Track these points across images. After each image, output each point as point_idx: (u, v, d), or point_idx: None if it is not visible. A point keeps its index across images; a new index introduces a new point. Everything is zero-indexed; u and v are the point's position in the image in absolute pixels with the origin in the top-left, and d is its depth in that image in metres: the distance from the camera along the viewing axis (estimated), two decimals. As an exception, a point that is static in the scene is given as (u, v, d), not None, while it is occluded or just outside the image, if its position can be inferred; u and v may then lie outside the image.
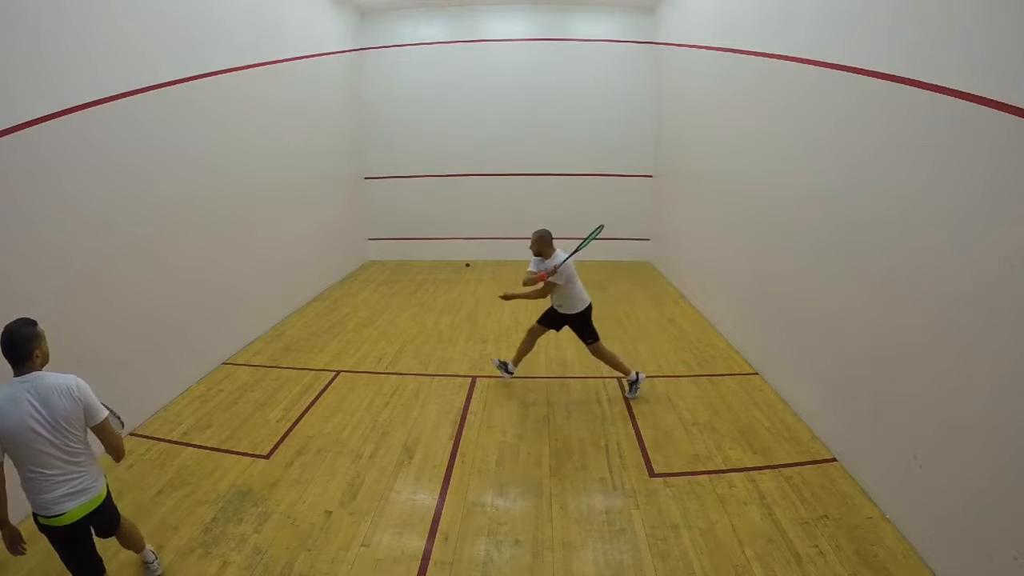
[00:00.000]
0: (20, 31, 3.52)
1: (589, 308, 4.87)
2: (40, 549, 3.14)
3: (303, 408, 4.84)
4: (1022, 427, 2.41)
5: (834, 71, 4.02)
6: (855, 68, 3.75)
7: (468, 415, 4.71)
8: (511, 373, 5.25)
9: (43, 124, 3.66)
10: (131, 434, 4.39)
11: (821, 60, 4.20)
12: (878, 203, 3.49)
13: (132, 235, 4.52)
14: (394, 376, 5.49)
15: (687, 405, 4.82)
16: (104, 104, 4.19)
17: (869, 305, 3.59)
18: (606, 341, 5.03)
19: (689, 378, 5.40)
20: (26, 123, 3.53)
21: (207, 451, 4.16)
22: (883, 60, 3.43)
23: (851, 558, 3.00)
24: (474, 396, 5.06)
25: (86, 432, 2.51)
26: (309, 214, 8.23)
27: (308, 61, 8.13)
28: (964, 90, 2.77)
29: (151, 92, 4.71)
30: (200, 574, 2.99)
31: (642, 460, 4.01)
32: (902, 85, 3.24)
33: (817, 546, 3.10)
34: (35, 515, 2.51)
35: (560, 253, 4.71)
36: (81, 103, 3.98)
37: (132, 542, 2.93)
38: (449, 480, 3.82)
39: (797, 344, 4.66)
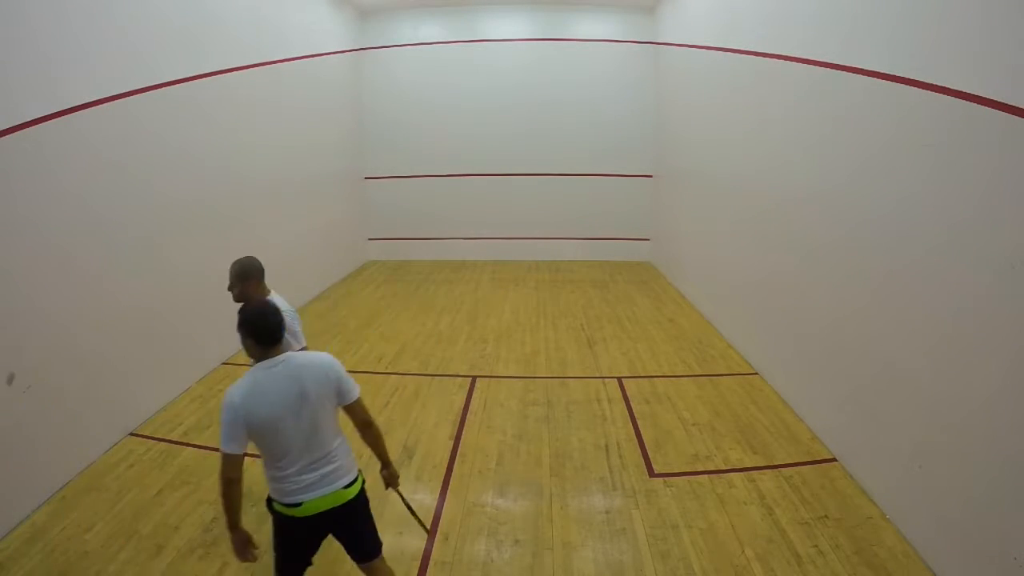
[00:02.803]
0: (20, 31, 3.52)
1: None
2: (39, 550, 3.15)
3: (303, 408, 4.83)
4: (1022, 427, 2.41)
5: (834, 71, 4.02)
6: (855, 68, 3.75)
7: (468, 415, 4.71)
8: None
9: (43, 124, 3.66)
10: (131, 434, 4.40)
11: (821, 60, 4.20)
12: (878, 203, 3.49)
13: (132, 235, 4.52)
14: (394, 376, 5.49)
15: (687, 405, 4.82)
16: (104, 104, 4.19)
17: (869, 305, 3.59)
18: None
19: (689, 378, 5.40)
20: (26, 123, 3.53)
21: (207, 451, 4.16)
22: (883, 60, 3.43)
23: (851, 558, 3.00)
24: (474, 396, 5.06)
25: (337, 413, 2.31)
26: (309, 214, 8.23)
27: (308, 61, 8.13)
28: (964, 90, 2.77)
29: (151, 92, 4.71)
30: (200, 574, 2.99)
31: (642, 460, 4.01)
32: (902, 85, 3.24)
33: (817, 546, 3.10)
34: (270, 500, 2.32)
35: (277, 298, 3.03)
36: (81, 103, 3.98)
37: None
38: (449, 480, 3.82)
39: (797, 344, 4.66)
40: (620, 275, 9.55)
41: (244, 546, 2.27)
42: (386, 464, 2.57)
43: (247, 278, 2.90)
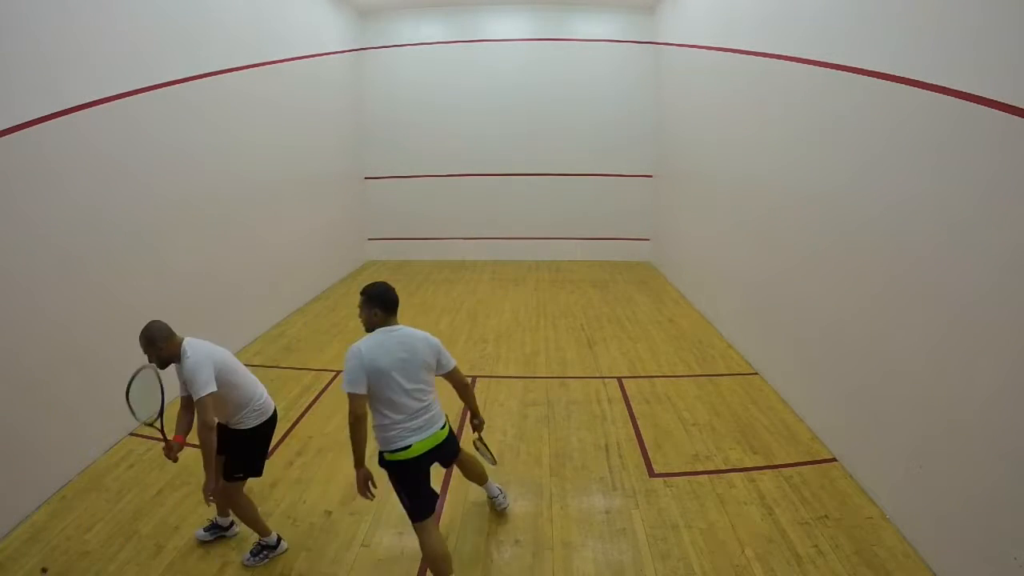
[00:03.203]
0: (20, 32, 3.52)
1: (264, 426, 3.12)
2: (39, 550, 3.15)
3: (303, 408, 4.84)
4: (1022, 427, 2.41)
5: (834, 71, 4.02)
6: (855, 68, 3.75)
7: (468, 415, 4.70)
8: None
9: (43, 124, 3.66)
10: (131, 434, 4.39)
11: (821, 60, 4.20)
12: (878, 202, 3.49)
13: (132, 235, 4.52)
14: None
15: (687, 405, 4.82)
16: (104, 104, 4.19)
17: (870, 305, 3.59)
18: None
19: (689, 378, 5.40)
20: (26, 123, 3.53)
21: (207, 451, 4.16)
22: (883, 60, 3.43)
23: (851, 558, 3.00)
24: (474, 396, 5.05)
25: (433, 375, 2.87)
26: (309, 214, 8.23)
27: (308, 61, 8.13)
28: (964, 90, 2.77)
29: (151, 92, 4.71)
30: (200, 574, 2.99)
31: (642, 460, 4.01)
32: (902, 85, 3.24)
33: (817, 546, 3.10)
34: (381, 456, 2.82)
35: (194, 341, 2.98)
36: (81, 103, 3.98)
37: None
38: (449, 480, 3.81)
39: (797, 344, 4.66)
40: (620, 275, 9.55)
41: (365, 483, 2.75)
42: (475, 415, 3.24)
43: (154, 342, 2.93)
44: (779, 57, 4.97)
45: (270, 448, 4.17)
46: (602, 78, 10.26)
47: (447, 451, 2.95)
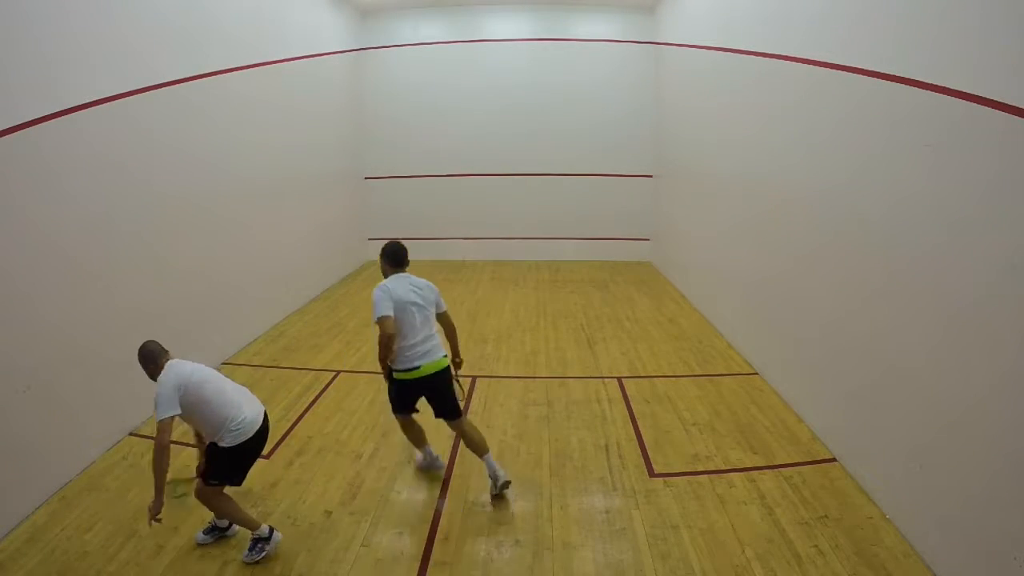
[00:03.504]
0: (20, 31, 3.52)
1: (245, 444, 3.02)
2: (39, 550, 3.15)
3: (303, 408, 4.84)
4: (1022, 427, 2.41)
5: (834, 71, 4.02)
6: (855, 68, 3.75)
7: (468, 415, 4.71)
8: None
9: (43, 124, 3.66)
10: (131, 434, 4.39)
11: (821, 60, 4.20)
12: (878, 203, 3.49)
13: (132, 235, 4.52)
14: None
15: (687, 405, 4.82)
16: (104, 104, 4.19)
17: (869, 305, 3.59)
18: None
19: (689, 378, 5.40)
20: (26, 123, 3.53)
21: (207, 451, 4.16)
22: (883, 60, 3.43)
23: (851, 558, 3.00)
24: (474, 396, 5.06)
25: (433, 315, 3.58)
26: (309, 214, 8.23)
27: (308, 61, 8.13)
28: (964, 90, 2.77)
29: (151, 92, 4.71)
30: (200, 574, 2.99)
31: (642, 460, 4.01)
32: (902, 85, 3.24)
33: (817, 546, 3.10)
34: (390, 373, 3.53)
35: (177, 363, 2.99)
36: (81, 103, 3.98)
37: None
38: (449, 480, 3.82)
39: (797, 344, 4.66)
40: (620, 275, 9.55)
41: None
42: (456, 354, 3.78)
43: (144, 362, 3.06)
44: (779, 57, 4.97)
45: (268, 451, 4.19)
46: (602, 78, 10.26)
47: (444, 384, 3.57)
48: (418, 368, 3.41)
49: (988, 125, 2.62)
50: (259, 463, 3.91)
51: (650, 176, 10.35)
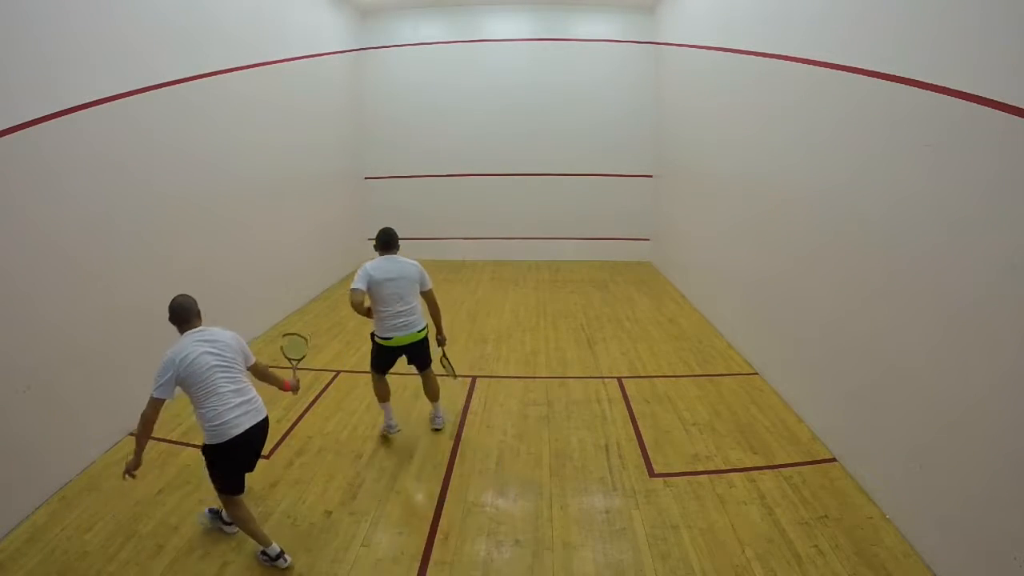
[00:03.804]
0: (20, 31, 3.52)
1: (219, 448, 2.96)
2: (39, 550, 3.15)
3: (303, 408, 4.84)
4: (1022, 427, 2.41)
5: (834, 71, 4.02)
6: (855, 68, 3.75)
7: (468, 415, 4.71)
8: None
9: (43, 124, 3.66)
10: (131, 434, 4.38)
11: (821, 60, 4.20)
12: (878, 203, 3.49)
13: (132, 235, 4.52)
14: (395, 376, 5.48)
15: (687, 405, 4.82)
16: (104, 104, 4.19)
17: (869, 305, 3.59)
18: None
19: (689, 378, 5.40)
20: (26, 123, 3.53)
21: (207, 451, 4.16)
22: (883, 60, 3.43)
23: (851, 558, 3.00)
24: (474, 396, 5.06)
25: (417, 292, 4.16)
26: (309, 214, 8.23)
27: (308, 61, 8.13)
28: (964, 90, 2.77)
29: (151, 92, 4.71)
30: (200, 574, 2.99)
31: (642, 460, 4.01)
32: (902, 85, 3.24)
33: (817, 546, 3.10)
34: (373, 335, 4.14)
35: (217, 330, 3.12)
36: (81, 103, 3.98)
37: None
38: (449, 480, 3.82)
39: (797, 344, 4.66)
40: (620, 275, 9.56)
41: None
42: (440, 332, 4.34)
43: (174, 321, 3.10)
44: (779, 57, 4.97)
45: (268, 451, 4.19)
46: (602, 78, 10.25)
47: (419, 351, 4.18)
48: (391, 339, 4.04)
49: (988, 125, 2.62)
50: (259, 463, 3.92)
51: (650, 176, 10.35)
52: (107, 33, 4.26)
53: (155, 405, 2.81)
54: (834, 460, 3.94)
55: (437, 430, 4.42)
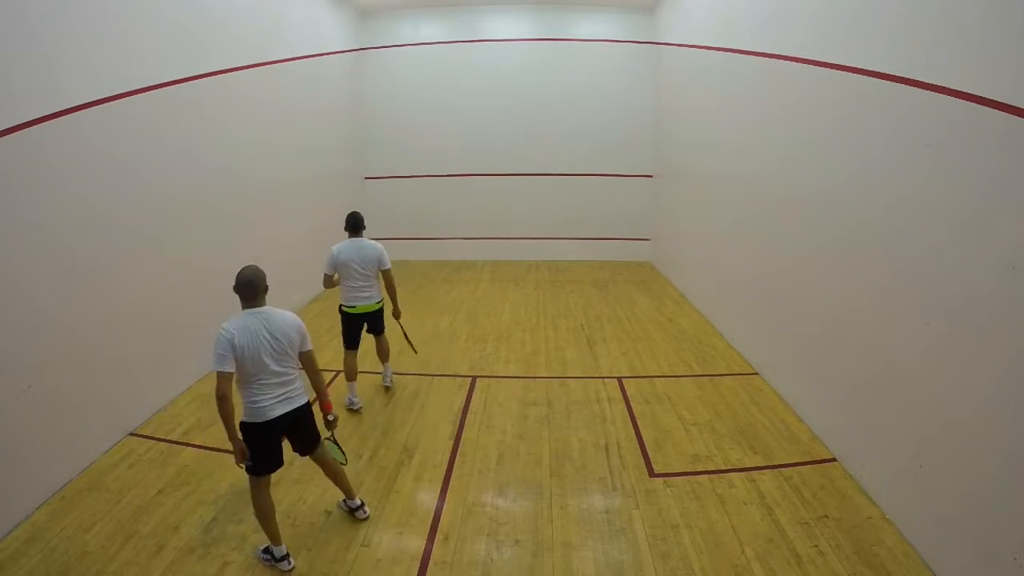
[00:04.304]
0: (20, 31, 3.52)
1: (252, 428, 3.03)
2: (39, 550, 3.15)
3: (303, 408, 4.84)
4: (1022, 427, 2.41)
5: (834, 71, 4.02)
6: (855, 68, 3.75)
7: (468, 415, 4.72)
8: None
9: (43, 124, 3.66)
10: (131, 434, 4.40)
11: (821, 60, 4.20)
12: (878, 203, 3.49)
13: (132, 235, 4.52)
14: (394, 376, 5.50)
15: (687, 405, 4.82)
16: (104, 104, 4.19)
17: (869, 305, 3.59)
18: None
19: (689, 378, 5.40)
20: (26, 123, 3.53)
21: (207, 451, 4.16)
22: (883, 60, 3.43)
23: (851, 558, 3.00)
24: (474, 396, 5.06)
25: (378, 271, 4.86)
26: (309, 214, 8.22)
27: (308, 61, 8.13)
28: (964, 90, 2.77)
29: (151, 92, 4.71)
30: (200, 574, 2.99)
31: (642, 460, 4.01)
32: (902, 85, 3.24)
33: (817, 546, 3.10)
34: (341, 307, 4.83)
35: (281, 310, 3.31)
36: (81, 103, 3.98)
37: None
38: (449, 480, 3.82)
39: (797, 344, 4.66)
40: (620, 275, 9.56)
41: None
42: (395, 305, 4.97)
43: (240, 293, 3.19)
44: (779, 57, 4.98)
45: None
46: (602, 78, 10.25)
47: (375, 319, 4.92)
48: (354, 307, 4.78)
49: (988, 125, 2.62)
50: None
51: (650, 176, 10.35)
52: (108, 33, 4.26)
53: (221, 379, 2.78)
54: (834, 460, 3.94)
55: (387, 388, 5.17)
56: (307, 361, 3.22)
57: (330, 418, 3.30)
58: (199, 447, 4.23)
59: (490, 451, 4.16)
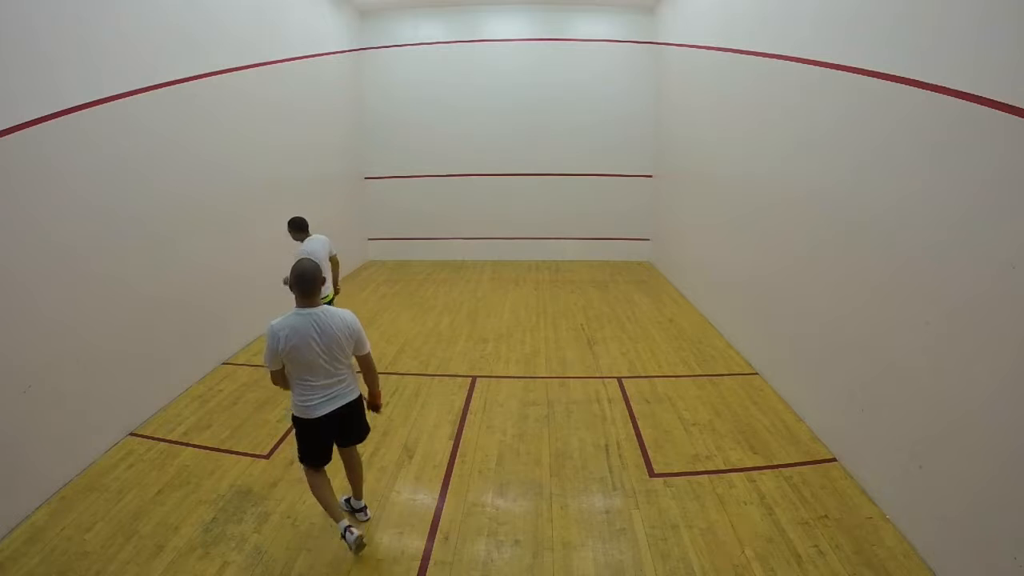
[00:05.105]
0: (20, 31, 3.52)
1: (301, 423, 3.09)
2: (39, 550, 3.15)
3: (303, 408, 4.84)
4: (1022, 427, 2.41)
5: (834, 71, 4.02)
6: (855, 68, 3.75)
7: (468, 415, 4.72)
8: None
9: (43, 124, 3.66)
10: (131, 434, 4.40)
11: (821, 60, 4.20)
12: (878, 203, 3.49)
13: (131, 235, 4.52)
14: (394, 376, 5.49)
15: (687, 405, 4.82)
16: (104, 104, 4.19)
17: (869, 304, 3.59)
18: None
19: (689, 378, 5.40)
20: (26, 123, 3.53)
21: (207, 451, 4.16)
22: (883, 60, 3.43)
23: (851, 558, 3.00)
24: (474, 396, 5.06)
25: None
26: (309, 214, 8.18)
27: (308, 61, 8.13)
28: (964, 90, 2.77)
29: (151, 92, 4.71)
30: (200, 574, 2.99)
31: (642, 460, 4.01)
32: (902, 85, 3.24)
33: (817, 546, 3.10)
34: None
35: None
36: (81, 103, 3.98)
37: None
38: (449, 480, 3.82)
39: (797, 344, 4.66)
40: (620, 275, 9.56)
41: None
42: (335, 283, 5.54)
43: (308, 294, 3.10)
44: (779, 57, 4.98)
45: (268, 451, 4.19)
46: (602, 78, 10.25)
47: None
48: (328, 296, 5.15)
49: (988, 125, 2.62)
50: (259, 463, 3.93)
51: (650, 176, 10.35)
52: (108, 33, 4.26)
53: (274, 377, 2.95)
54: (834, 460, 3.94)
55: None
56: (363, 364, 3.14)
57: (376, 412, 3.37)
58: (199, 447, 4.23)
59: (490, 451, 4.16)
